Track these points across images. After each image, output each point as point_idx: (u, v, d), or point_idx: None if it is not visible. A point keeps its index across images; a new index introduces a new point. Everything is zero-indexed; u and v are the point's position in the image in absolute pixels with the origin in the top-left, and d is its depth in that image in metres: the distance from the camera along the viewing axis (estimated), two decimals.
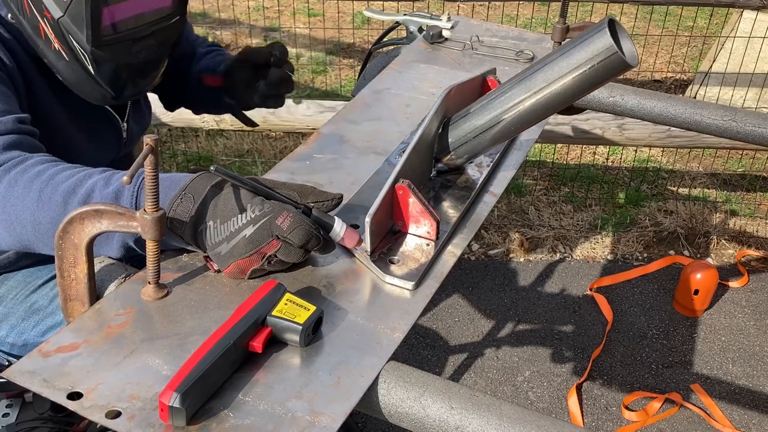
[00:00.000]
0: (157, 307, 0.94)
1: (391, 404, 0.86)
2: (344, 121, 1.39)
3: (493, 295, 2.77)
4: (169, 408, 0.78)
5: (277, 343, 0.90)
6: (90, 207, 0.90)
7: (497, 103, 1.13)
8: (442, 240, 1.09)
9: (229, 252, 0.94)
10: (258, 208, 0.93)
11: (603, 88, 1.55)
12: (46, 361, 0.86)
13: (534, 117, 1.10)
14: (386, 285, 1.01)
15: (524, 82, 1.09)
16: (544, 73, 1.06)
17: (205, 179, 0.96)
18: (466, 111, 1.18)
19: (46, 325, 1.30)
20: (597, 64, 1.00)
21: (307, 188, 1.00)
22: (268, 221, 0.93)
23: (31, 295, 1.33)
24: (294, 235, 0.92)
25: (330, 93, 3.96)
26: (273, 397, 0.83)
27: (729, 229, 3.13)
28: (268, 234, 0.93)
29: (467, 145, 1.18)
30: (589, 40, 1.00)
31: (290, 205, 0.96)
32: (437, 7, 3.50)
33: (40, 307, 1.31)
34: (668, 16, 4.36)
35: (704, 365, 2.51)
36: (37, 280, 1.34)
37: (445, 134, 1.19)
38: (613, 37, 0.99)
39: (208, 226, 0.94)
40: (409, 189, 1.05)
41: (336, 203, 1.00)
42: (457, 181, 1.24)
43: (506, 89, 1.12)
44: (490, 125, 1.14)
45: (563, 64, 1.04)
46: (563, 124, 2.78)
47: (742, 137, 1.42)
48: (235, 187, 0.95)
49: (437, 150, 1.21)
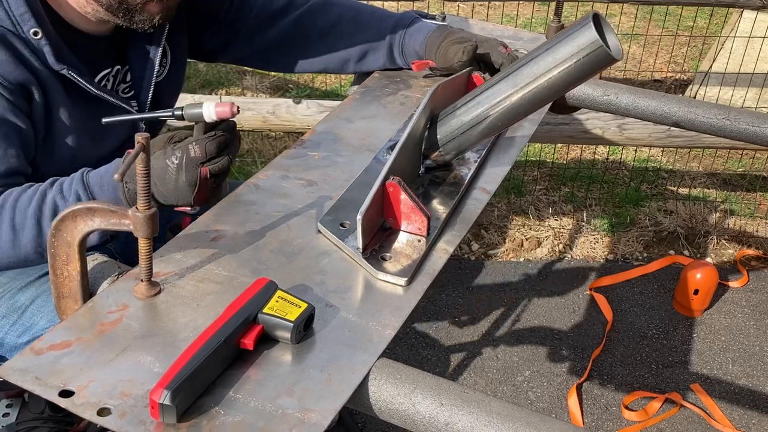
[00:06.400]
0: (149, 304, 0.94)
1: (382, 401, 0.86)
2: (338, 119, 1.40)
3: (493, 295, 2.77)
4: (160, 405, 0.78)
5: (269, 341, 0.90)
6: (83, 205, 0.91)
7: (484, 99, 1.14)
8: (433, 236, 1.10)
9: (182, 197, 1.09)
10: (174, 156, 1.07)
11: (597, 86, 1.56)
12: (39, 359, 0.86)
13: (521, 111, 1.12)
14: (378, 282, 1.02)
15: (511, 78, 1.10)
16: (530, 68, 1.07)
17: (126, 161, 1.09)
18: (453, 107, 1.19)
19: (23, 326, 1.30)
20: (583, 58, 1.02)
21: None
22: (188, 159, 1.06)
23: (17, 293, 1.33)
24: (211, 152, 1.08)
25: (330, 93, 3.97)
26: (264, 394, 0.84)
27: (729, 229, 3.12)
28: (195, 166, 1.07)
29: (455, 141, 1.19)
30: (574, 34, 1.02)
31: (187, 136, 1.10)
32: (437, 7, 3.50)
33: (21, 306, 1.31)
34: (668, 16, 4.35)
35: (704, 365, 2.50)
36: (26, 278, 1.35)
37: (434, 131, 1.20)
38: (598, 32, 1.00)
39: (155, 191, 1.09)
40: (400, 186, 1.05)
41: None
42: (446, 177, 1.24)
43: (493, 85, 1.13)
44: (477, 121, 1.15)
45: (549, 59, 1.05)
46: (563, 124, 2.78)
47: (736, 136, 1.42)
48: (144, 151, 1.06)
49: (425, 147, 1.22)
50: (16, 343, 1.30)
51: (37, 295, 1.32)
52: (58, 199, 1.14)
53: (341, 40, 1.55)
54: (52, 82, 1.23)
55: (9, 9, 1.16)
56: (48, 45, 1.20)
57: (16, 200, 1.14)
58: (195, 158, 1.07)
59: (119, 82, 1.41)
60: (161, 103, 1.48)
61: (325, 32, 1.56)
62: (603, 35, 1.01)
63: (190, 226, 1.09)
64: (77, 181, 1.14)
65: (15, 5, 1.16)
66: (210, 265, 1.01)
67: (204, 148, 1.07)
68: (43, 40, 1.19)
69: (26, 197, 1.14)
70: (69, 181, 1.15)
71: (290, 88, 4.02)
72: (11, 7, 1.16)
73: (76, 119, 1.29)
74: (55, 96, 1.24)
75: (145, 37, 1.37)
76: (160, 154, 1.08)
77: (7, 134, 1.19)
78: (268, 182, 1.20)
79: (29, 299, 1.32)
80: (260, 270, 1.01)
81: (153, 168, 1.06)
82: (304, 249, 1.06)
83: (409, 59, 1.54)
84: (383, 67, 1.58)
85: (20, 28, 1.18)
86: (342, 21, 1.55)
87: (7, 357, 1.34)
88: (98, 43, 1.33)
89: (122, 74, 1.40)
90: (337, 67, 1.59)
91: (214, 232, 1.08)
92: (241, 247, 1.05)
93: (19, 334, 1.30)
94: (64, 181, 1.15)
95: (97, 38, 1.32)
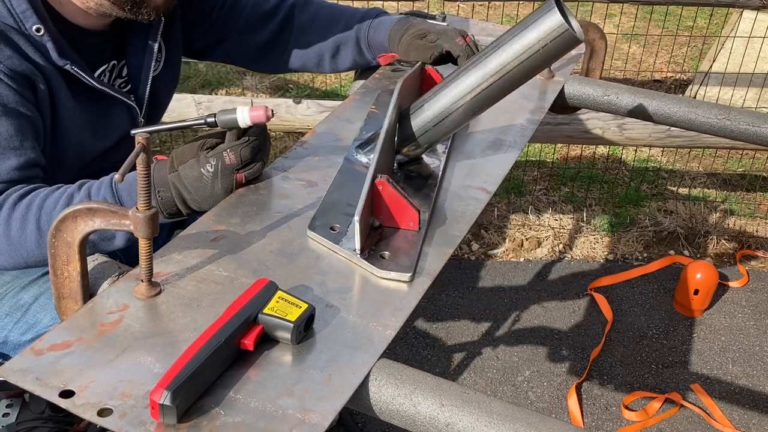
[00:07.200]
0: (149, 305, 0.94)
1: (382, 401, 0.86)
2: (339, 120, 1.40)
3: (493, 295, 2.77)
4: (160, 406, 0.78)
5: (269, 341, 0.90)
6: (83, 205, 0.91)
7: (455, 90, 1.16)
8: (425, 229, 1.11)
9: (216, 203, 1.10)
10: (209, 164, 1.08)
11: (598, 86, 1.56)
12: (39, 360, 0.86)
13: (491, 99, 1.16)
14: (378, 282, 1.02)
15: (480, 67, 1.13)
16: (499, 57, 1.11)
17: (158, 169, 1.11)
18: (422, 101, 1.21)
19: (27, 324, 1.31)
20: (550, 43, 1.05)
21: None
22: (223, 167, 1.08)
23: (20, 291, 1.34)
24: (246, 158, 1.09)
25: (330, 93, 3.97)
26: (264, 395, 0.84)
27: (729, 229, 3.12)
28: (230, 173, 1.09)
29: (428, 133, 1.21)
30: (539, 20, 1.06)
31: (217, 143, 1.10)
32: (437, 7, 3.50)
33: (25, 304, 1.32)
34: (668, 16, 4.35)
35: (704, 365, 2.50)
36: (28, 277, 1.35)
37: (405, 126, 1.22)
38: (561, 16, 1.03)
39: (189, 198, 1.10)
40: (389, 183, 1.06)
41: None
42: (420, 171, 1.26)
43: (462, 75, 1.15)
44: (449, 112, 1.18)
45: (517, 46, 1.08)
46: (563, 124, 2.78)
47: (737, 136, 1.42)
48: (180, 161, 1.09)
49: (397, 142, 1.23)
50: (20, 341, 1.31)
51: (41, 293, 1.33)
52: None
53: (315, 35, 1.57)
54: (56, 78, 1.24)
55: (11, 6, 1.17)
56: (51, 41, 1.21)
57: (43, 201, 1.15)
58: (230, 165, 1.08)
59: (116, 77, 1.42)
60: (158, 98, 1.49)
61: (302, 29, 1.58)
62: (566, 18, 1.04)
63: (191, 227, 1.08)
64: (106, 187, 1.15)
65: (17, 2, 1.17)
66: (210, 266, 1.01)
67: (239, 155, 1.08)
68: (45, 36, 1.20)
69: (53, 199, 1.15)
70: (98, 185, 1.16)
71: (290, 88, 4.02)
72: (13, 5, 1.17)
73: (79, 114, 1.31)
74: (58, 91, 1.26)
75: (141, 32, 1.39)
76: (194, 162, 1.08)
77: (22, 126, 1.19)
78: (268, 183, 1.20)
79: (32, 297, 1.32)
80: (260, 270, 1.01)
81: (187, 177, 1.08)
82: (304, 249, 1.06)
83: (376, 52, 1.55)
84: (354, 62, 1.59)
85: (23, 25, 1.19)
86: (317, 17, 1.58)
87: (11, 355, 1.34)
88: (95, 38, 1.34)
89: (118, 69, 1.42)
90: (314, 63, 1.60)
91: (214, 233, 1.08)
92: (242, 248, 1.05)
93: (22, 332, 1.30)
94: (93, 184, 1.16)
95: (94, 33, 1.33)
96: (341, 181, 1.21)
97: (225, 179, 1.08)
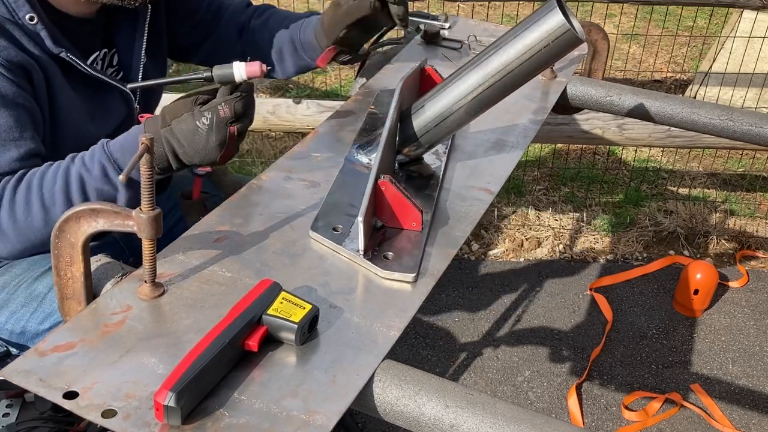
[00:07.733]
0: (153, 306, 0.94)
1: (387, 403, 0.86)
2: (340, 120, 1.40)
3: (493, 295, 2.77)
4: (165, 407, 0.78)
5: (273, 342, 0.90)
6: (86, 206, 0.91)
7: (456, 90, 1.17)
8: (428, 229, 1.10)
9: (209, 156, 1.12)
10: (204, 117, 1.10)
11: (600, 87, 1.56)
12: (42, 361, 0.86)
13: (493, 99, 1.16)
14: (382, 283, 1.02)
15: (482, 67, 1.13)
16: (501, 57, 1.11)
17: (150, 125, 1.14)
18: (423, 101, 1.21)
19: (44, 313, 1.31)
20: (552, 43, 1.05)
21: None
22: (218, 119, 1.09)
23: (34, 282, 1.34)
24: (239, 111, 1.11)
25: (330, 93, 3.96)
26: (268, 396, 0.84)
27: (729, 229, 3.12)
28: (224, 126, 1.10)
29: (429, 133, 1.21)
30: (541, 20, 1.06)
31: (209, 98, 1.12)
32: (437, 7, 3.50)
33: (40, 294, 1.32)
34: (668, 16, 4.35)
35: (704, 365, 2.50)
36: (40, 268, 1.35)
37: (406, 126, 1.22)
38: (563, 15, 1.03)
39: (181, 152, 1.13)
40: (392, 183, 1.06)
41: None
42: (421, 171, 1.26)
43: (463, 75, 1.16)
44: (450, 112, 1.18)
45: (518, 47, 1.08)
46: (563, 124, 2.78)
47: (739, 137, 1.43)
48: (173, 115, 1.12)
49: (398, 142, 1.23)
50: (38, 330, 1.31)
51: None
52: (83, 172, 1.17)
53: (268, 39, 1.58)
54: (51, 66, 1.26)
55: None
56: (44, 29, 1.23)
57: (41, 179, 1.17)
58: (224, 118, 1.11)
59: (107, 65, 1.44)
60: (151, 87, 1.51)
61: (260, 36, 1.60)
62: (568, 18, 1.04)
63: (194, 227, 1.08)
64: (99, 152, 1.18)
65: None
66: (214, 267, 1.01)
67: (233, 108, 1.11)
68: (39, 24, 1.23)
69: (50, 175, 1.18)
70: (90, 154, 1.19)
71: (290, 88, 4.02)
72: None
73: (76, 102, 1.33)
74: (55, 79, 1.28)
75: (129, 21, 1.42)
76: (188, 116, 1.11)
77: (21, 117, 1.21)
78: (271, 183, 1.20)
79: (47, 287, 1.33)
80: (264, 271, 1.01)
81: (181, 131, 1.11)
82: (308, 250, 1.06)
83: (311, 53, 1.53)
84: (298, 66, 1.58)
85: (16, 15, 1.21)
86: (269, 23, 1.59)
87: (29, 345, 1.34)
88: (85, 26, 1.36)
89: (109, 58, 1.44)
90: (272, 68, 1.61)
91: (217, 234, 1.07)
92: (245, 249, 1.05)
93: (40, 321, 1.31)
94: (85, 155, 1.19)
95: (83, 21, 1.35)
96: (342, 181, 1.21)
97: (219, 132, 1.10)
